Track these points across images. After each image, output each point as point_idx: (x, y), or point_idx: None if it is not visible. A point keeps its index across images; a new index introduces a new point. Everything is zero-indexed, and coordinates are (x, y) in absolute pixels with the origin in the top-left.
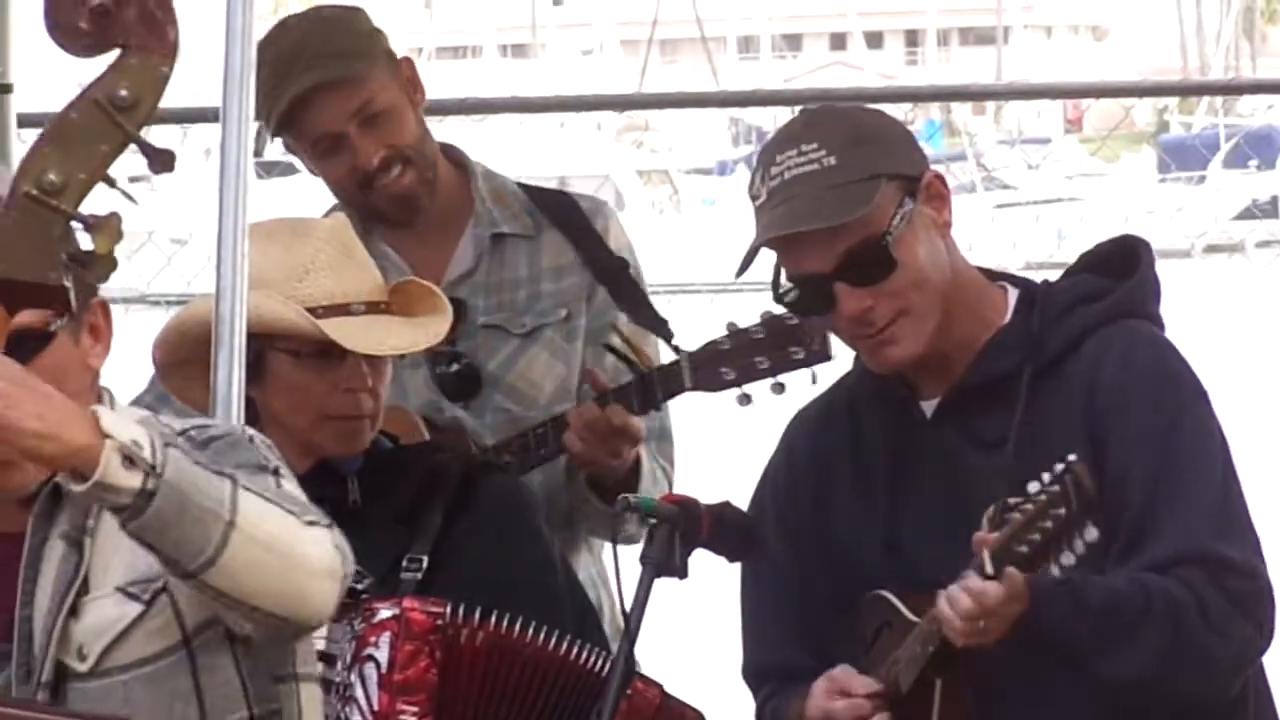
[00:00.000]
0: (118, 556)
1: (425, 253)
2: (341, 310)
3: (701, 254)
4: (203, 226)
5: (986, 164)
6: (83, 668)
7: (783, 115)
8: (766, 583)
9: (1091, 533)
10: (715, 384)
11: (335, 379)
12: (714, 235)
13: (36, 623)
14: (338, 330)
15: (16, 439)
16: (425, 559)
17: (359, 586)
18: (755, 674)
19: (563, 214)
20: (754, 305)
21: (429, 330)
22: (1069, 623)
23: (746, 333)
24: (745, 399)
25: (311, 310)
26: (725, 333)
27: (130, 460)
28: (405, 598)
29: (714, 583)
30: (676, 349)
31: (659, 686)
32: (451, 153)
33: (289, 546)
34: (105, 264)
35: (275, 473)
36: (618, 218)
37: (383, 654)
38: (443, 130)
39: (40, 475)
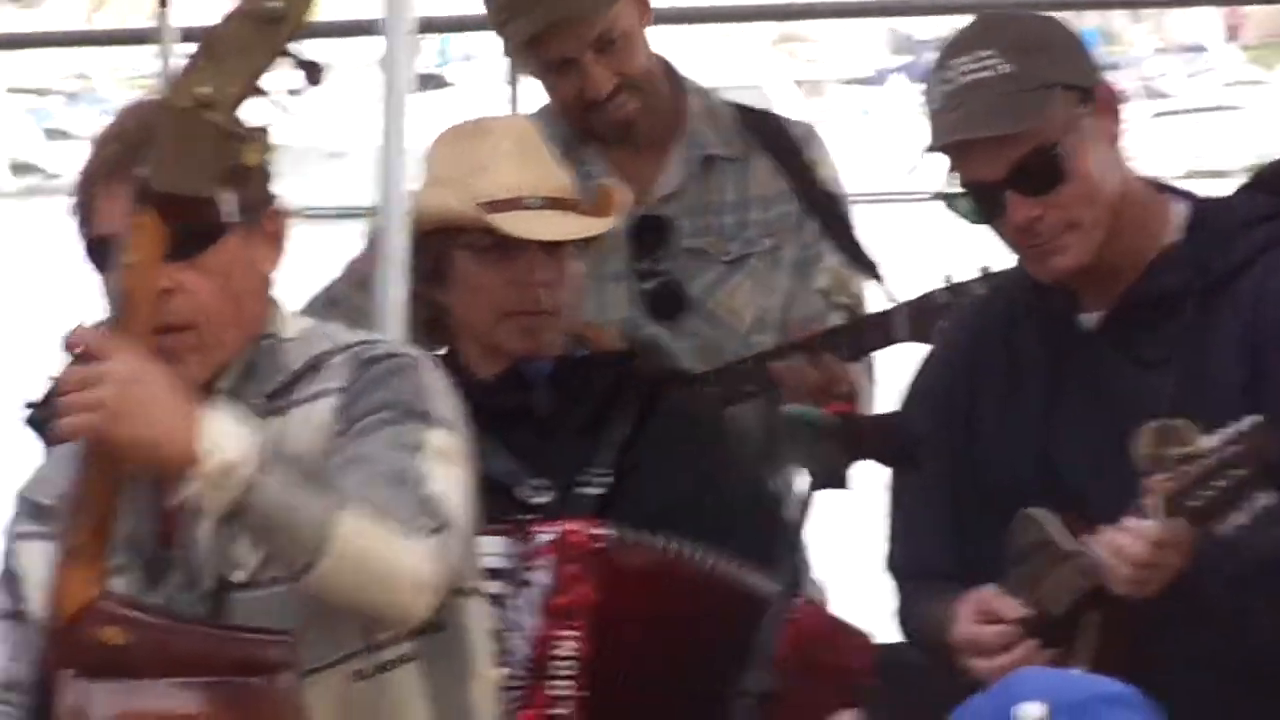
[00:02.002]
0: None
1: (633, 167)
2: (516, 204)
3: (857, 164)
4: (360, 140)
5: (1145, 72)
6: (241, 578)
7: (940, 24)
8: (914, 481)
9: (1269, 497)
10: (932, 337)
11: (512, 274)
12: (870, 145)
13: (200, 531)
14: (507, 221)
15: (114, 446)
16: (607, 473)
17: (538, 500)
18: (897, 569)
19: (773, 139)
20: (910, 215)
21: (601, 221)
22: (1221, 580)
23: (965, 287)
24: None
25: (486, 204)
26: (943, 284)
27: (218, 485)
28: (567, 520)
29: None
30: (893, 298)
31: (829, 613)
32: (665, 66)
33: (383, 565)
34: (258, 176)
35: (424, 418)
36: (825, 145)
37: (543, 577)
38: None
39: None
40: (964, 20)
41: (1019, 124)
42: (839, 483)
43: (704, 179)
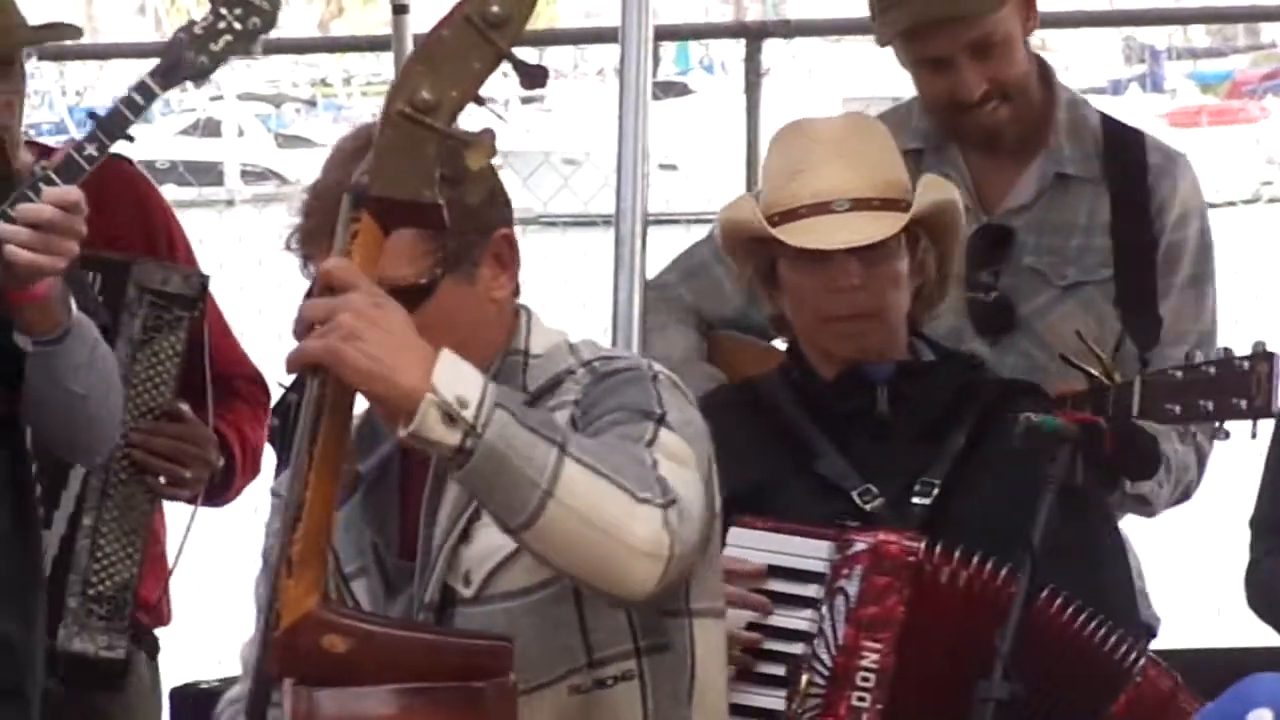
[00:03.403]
0: None
1: (990, 173)
2: (823, 209)
3: None
4: (598, 147)
5: None
6: (468, 593)
7: (1176, 33)
8: None
9: None
10: (1160, 416)
11: (824, 279)
12: None
13: (434, 543)
14: (799, 230)
15: (344, 372)
16: (939, 484)
17: (867, 507)
18: (1262, 526)
19: (1122, 167)
20: None
21: (894, 224)
22: None
23: (1200, 369)
24: (1188, 435)
25: (794, 210)
26: (1182, 362)
27: (450, 417)
28: (882, 529)
29: None
30: (1145, 362)
31: (1173, 677)
32: (1043, 69)
33: (611, 523)
34: (479, 181)
35: (660, 420)
36: (1191, 174)
37: (853, 587)
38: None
39: None
40: (1199, 29)
41: None
42: (1079, 491)
43: (1055, 197)
